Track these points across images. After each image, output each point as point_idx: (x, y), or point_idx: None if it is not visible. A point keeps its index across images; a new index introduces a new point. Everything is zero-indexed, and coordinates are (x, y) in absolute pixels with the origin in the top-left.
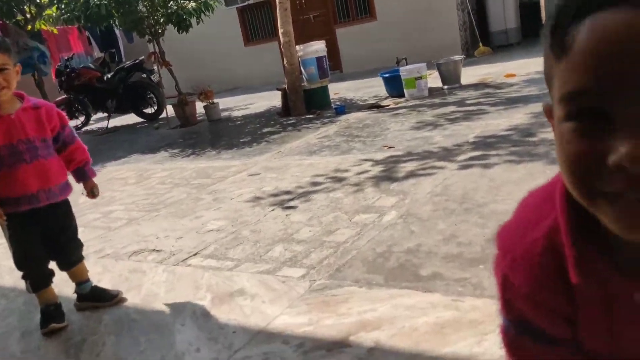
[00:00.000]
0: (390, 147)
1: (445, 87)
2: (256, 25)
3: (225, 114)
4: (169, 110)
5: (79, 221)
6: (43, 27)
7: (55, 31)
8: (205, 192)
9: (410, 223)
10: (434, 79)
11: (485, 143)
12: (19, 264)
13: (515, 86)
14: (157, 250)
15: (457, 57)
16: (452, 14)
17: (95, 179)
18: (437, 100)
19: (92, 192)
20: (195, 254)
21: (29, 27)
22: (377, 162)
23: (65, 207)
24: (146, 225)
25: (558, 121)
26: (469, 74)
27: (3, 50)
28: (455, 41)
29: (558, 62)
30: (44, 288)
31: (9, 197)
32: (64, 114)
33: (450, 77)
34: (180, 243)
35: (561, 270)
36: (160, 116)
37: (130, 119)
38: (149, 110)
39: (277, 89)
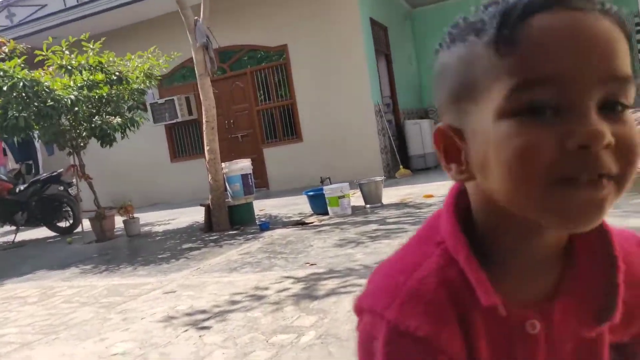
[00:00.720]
0: (312, 264)
1: (368, 206)
2: (184, 142)
3: (146, 229)
4: (86, 224)
5: None
6: None
7: None
8: (115, 312)
9: (329, 344)
10: (357, 198)
11: None
12: None
13: (433, 206)
14: None
15: (378, 178)
16: (373, 139)
17: None
18: (359, 219)
19: None
20: None
21: None
22: (298, 280)
23: None
24: (41, 350)
25: (495, 120)
26: (391, 194)
27: None
28: (377, 163)
29: (504, 58)
30: None
31: None
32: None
33: (372, 197)
34: None
35: (456, 305)
36: (76, 230)
37: (42, 232)
38: (63, 224)
39: (201, 205)
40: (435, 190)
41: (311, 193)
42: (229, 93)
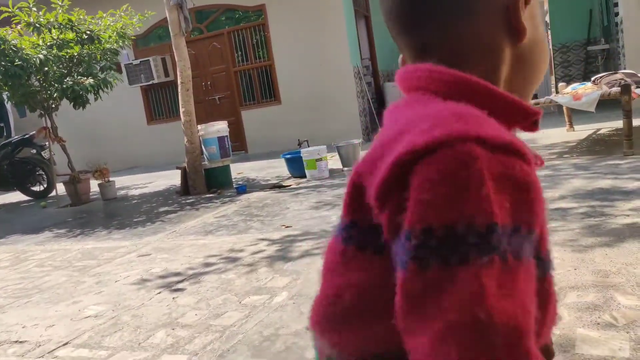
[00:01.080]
0: (287, 227)
1: (345, 169)
2: (160, 104)
3: (122, 192)
4: (60, 189)
5: None
6: None
7: None
8: (88, 275)
9: (301, 304)
10: (335, 161)
11: None
12: None
13: None
14: (20, 342)
15: (355, 141)
16: (352, 101)
17: None
18: (336, 181)
19: None
20: (65, 344)
21: None
22: (273, 242)
23: None
24: (13, 313)
25: None
26: None
27: None
28: (356, 126)
29: None
30: None
31: None
32: None
33: (349, 160)
34: (50, 332)
35: None
36: (50, 194)
37: (15, 196)
38: (37, 188)
39: (177, 168)
40: None
41: (289, 156)
42: (206, 54)
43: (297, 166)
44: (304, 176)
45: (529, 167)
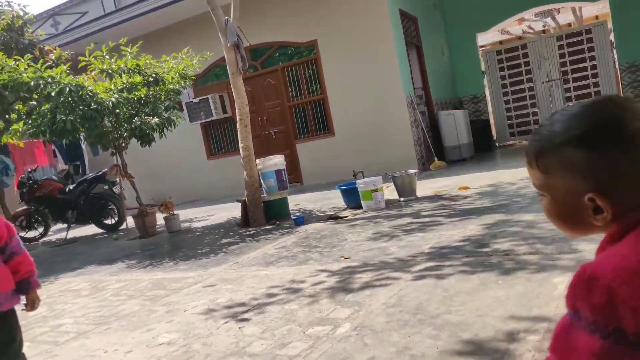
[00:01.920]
0: (346, 258)
1: (402, 199)
2: (219, 140)
3: (186, 225)
4: (129, 222)
5: (25, 335)
6: (10, 140)
7: (21, 145)
8: (159, 304)
9: (364, 335)
10: (390, 192)
11: (440, 254)
12: None
13: (468, 198)
14: None
15: (411, 171)
16: (406, 131)
17: (47, 291)
18: (393, 212)
19: (32, 304)
20: None
21: None
22: (333, 273)
23: (12, 317)
24: (95, 339)
25: None
26: (425, 187)
27: None
28: (411, 156)
29: None
30: None
31: None
32: (12, 225)
33: (405, 190)
34: (129, 357)
35: None
36: (120, 227)
37: (90, 230)
38: (109, 221)
39: (237, 201)
40: (471, 182)
41: (344, 187)
42: (261, 90)
43: (353, 197)
44: (360, 207)
45: None
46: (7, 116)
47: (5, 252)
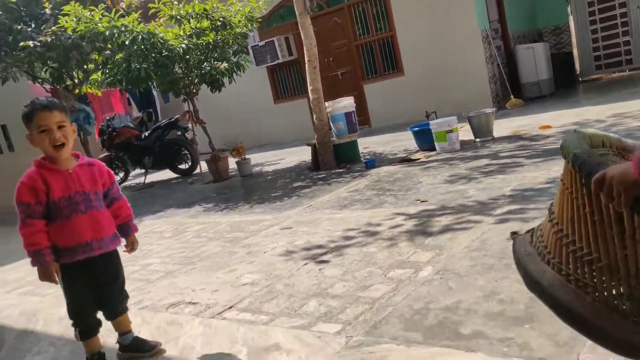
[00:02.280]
0: (423, 201)
1: (478, 140)
2: (286, 83)
3: (257, 169)
4: (203, 166)
5: None
6: (89, 90)
7: (99, 94)
8: (239, 246)
9: (448, 279)
10: (465, 132)
11: (523, 196)
12: (72, 312)
13: (551, 138)
14: (193, 303)
15: (488, 110)
16: (481, 68)
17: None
18: (469, 154)
19: (131, 246)
20: (230, 307)
21: (76, 90)
22: (410, 216)
23: (117, 257)
24: (182, 278)
25: None
26: (502, 127)
27: (61, 110)
28: (485, 94)
29: None
30: (92, 337)
31: (65, 246)
32: (112, 172)
33: (482, 130)
34: (216, 296)
35: None
36: (194, 172)
37: (166, 174)
38: (183, 166)
39: (307, 144)
40: (552, 121)
41: (416, 128)
42: (327, 30)
43: (425, 139)
44: (433, 149)
45: None
46: (85, 67)
47: (107, 197)
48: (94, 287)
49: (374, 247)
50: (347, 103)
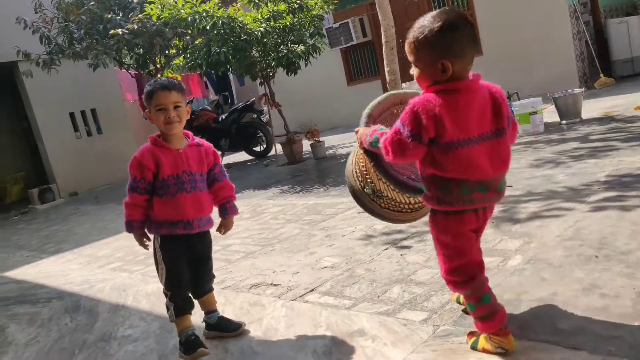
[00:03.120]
0: (507, 186)
1: (564, 122)
2: (359, 65)
3: (330, 151)
4: (277, 149)
5: None
6: (169, 74)
7: (179, 78)
8: (317, 229)
9: (540, 269)
10: (549, 114)
11: (621, 183)
12: (168, 285)
13: None
14: (275, 285)
15: (576, 90)
16: (567, 45)
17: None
18: (554, 136)
19: (224, 228)
20: (312, 290)
21: (159, 75)
22: None
23: (210, 238)
24: (263, 259)
25: None
26: (590, 108)
27: (178, 90)
28: (571, 73)
29: None
30: (186, 314)
31: (167, 220)
32: (219, 153)
33: (568, 112)
34: (297, 278)
35: None
36: (269, 154)
37: (241, 156)
38: (258, 149)
39: None
40: None
41: None
42: (402, 10)
43: None
44: None
45: None
46: (166, 52)
47: (209, 177)
48: (187, 264)
49: None
50: None
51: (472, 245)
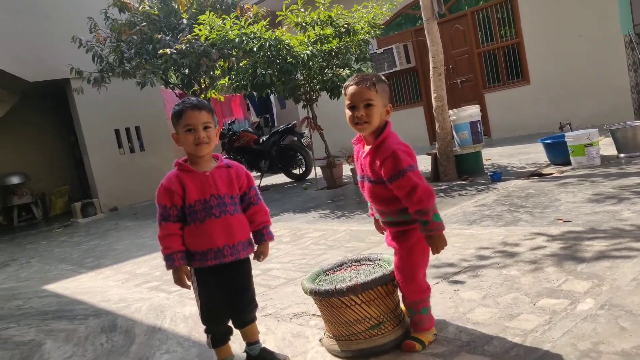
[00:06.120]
0: (565, 221)
1: (622, 155)
2: (401, 91)
3: None
4: (317, 172)
5: None
6: (213, 95)
7: (222, 99)
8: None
9: (617, 316)
10: (604, 146)
11: None
12: (205, 318)
13: None
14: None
15: (636, 122)
16: (622, 76)
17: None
18: (613, 170)
19: (260, 256)
20: None
21: (202, 95)
22: (552, 238)
23: (248, 265)
24: None
25: None
26: None
27: (208, 110)
28: (626, 104)
29: None
30: (224, 344)
31: (197, 251)
32: (252, 175)
33: (627, 145)
34: None
35: None
36: (307, 177)
37: (280, 178)
38: (297, 171)
39: (427, 154)
40: None
41: (549, 141)
42: (448, 37)
43: (558, 152)
44: (568, 163)
45: None
46: (211, 73)
47: (243, 201)
48: (226, 294)
49: (515, 269)
50: (472, 112)
51: None
